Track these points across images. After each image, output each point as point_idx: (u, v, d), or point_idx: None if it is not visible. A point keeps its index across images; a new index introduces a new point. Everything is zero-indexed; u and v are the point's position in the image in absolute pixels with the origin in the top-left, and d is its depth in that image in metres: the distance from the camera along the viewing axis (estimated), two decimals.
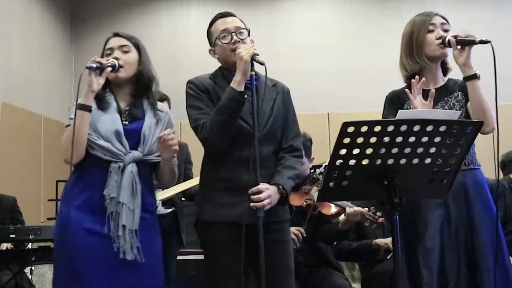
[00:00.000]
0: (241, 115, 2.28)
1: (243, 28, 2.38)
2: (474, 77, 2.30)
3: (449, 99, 2.43)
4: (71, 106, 2.36)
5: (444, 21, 2.45)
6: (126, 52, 2.36)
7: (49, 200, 4.82)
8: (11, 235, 3.84)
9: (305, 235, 3.11)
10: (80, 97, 2.24)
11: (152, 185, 2.41)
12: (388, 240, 3.32)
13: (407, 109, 2.37)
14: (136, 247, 2.21)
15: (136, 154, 2.28)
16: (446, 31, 2.43)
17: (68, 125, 2.29)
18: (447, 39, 2.35)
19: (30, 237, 3.87)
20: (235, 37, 2.33)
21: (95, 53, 2.39)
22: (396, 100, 2.48)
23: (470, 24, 6.39)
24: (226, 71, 2.37)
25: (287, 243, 2.39)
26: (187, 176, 3.54)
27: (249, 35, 2.39)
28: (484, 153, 2.63)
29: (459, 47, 2.31)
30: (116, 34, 2.41)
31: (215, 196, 2.31)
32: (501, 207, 3.68)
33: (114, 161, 2.25)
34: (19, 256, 3.94)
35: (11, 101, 5.58)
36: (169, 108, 3.48)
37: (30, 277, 3.90)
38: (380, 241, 3.41)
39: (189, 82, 2.41)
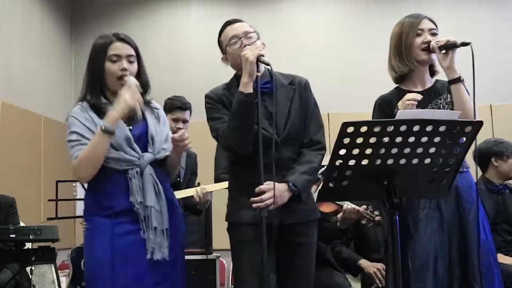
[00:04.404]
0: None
1: (252, 32, 2.38)
2: (458, 80, 2.34)
3: (439, 101, 2.45)
4: (71, 107, 2.35)
5: (432, 25, 2.47)
6: (132, 62, 2.32)
7: (49, 200, 4.81)
8: (11, 235, 3.84)
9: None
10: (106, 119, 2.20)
11: (168, 181, 2.42)
12: (374, 268, 3.33)
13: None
14: (166, 246, 2.24)
15: (149, 156, 2.29)
16: (434, 35, 2.44)
17: (72, 141, 2.24)
18: (431, 46, 2.38)
19: (30, 237, 3.87)
20: (244, 42, 2.34)
21: None
22: (385, 106, 2.49)
23: (470, 25, 6.39)
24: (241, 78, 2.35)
25: (310, 246, 2.38)
26: (189, 187, 3.52)
27: (258, 38, 2.40)
28: None
29: (443, 51, 2.33)
30: (121, 39, 2.32)
31: (239, 199, 2.35)
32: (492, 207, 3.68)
33: (130, 168, 2.25)
34: (19, 256, 3.94)
35: (11, 101, 5.58)
36: (190, 114, 3.47)
37: (30, 276, 3.90)
38: (366, 265, 3.41)
39: (206, 96, 2.43)
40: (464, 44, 2.27)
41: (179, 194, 3.31)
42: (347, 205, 3.14)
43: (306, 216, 2.35)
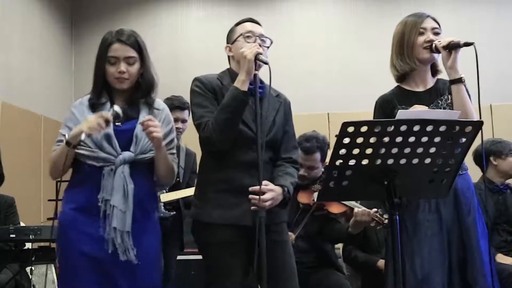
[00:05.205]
0: (245, 121, 2.29)
1: (267, 38, 2.43)
2: (459, 80, 2.34)
3: (439, 102, 2.45)
4: (71, 108, 2.36)
5: (435, 25, 2.46)
6: (131, 64, 2.30)
7: (49, 200, 4.82)
8: (11, 235, 3.83)
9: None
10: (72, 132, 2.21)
11: (151, 184, 2.38)
12: None
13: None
14: (130, 248, 2.20)
15: (127, 155, 2.26)
16: (436, 34, 2.44)
17: (59, 141, 2.29)
18: (434, 45, 2.38)
19: (30, 237, 3.86)
20: (258, 41, 2.37)
21: (95, 53, 2.36)
22: (386, 106, 2.48)
23: (471, 24, 6.39)
24: (234, 73, 2.36)
25: (286, 243, 2.40)
26: (190, 186, 3.52)
27: (269, 46, 2.42)
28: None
29: (447, 50, 2.33)
30: (121, 41, 2.29)
31: (215, 198, 2.31)
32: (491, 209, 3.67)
33: (106, 165, 2.24)
34: (19, 256, 3.93)
35: (11, 101, 5.58)
36: (189, 114, 3.45)
37: (30, 276, 3.90)
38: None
39: (196, 79, 2.40)
40: (467, 44, 2.27)
41: (180, 194, 3.32)
42: (358, 208, 3.11)
43: (279, 217, 2.38)
